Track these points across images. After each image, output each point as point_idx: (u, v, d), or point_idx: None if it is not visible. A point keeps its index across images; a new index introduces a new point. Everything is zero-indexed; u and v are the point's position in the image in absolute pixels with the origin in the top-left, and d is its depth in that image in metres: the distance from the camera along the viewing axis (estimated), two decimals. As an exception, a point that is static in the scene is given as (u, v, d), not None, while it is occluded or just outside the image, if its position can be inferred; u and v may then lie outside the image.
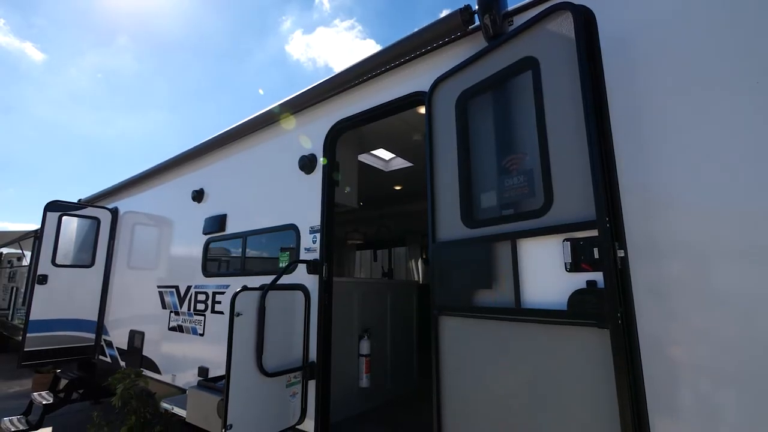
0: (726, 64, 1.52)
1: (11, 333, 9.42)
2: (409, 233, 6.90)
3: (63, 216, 5.10)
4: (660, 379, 1.48)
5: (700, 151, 1.52)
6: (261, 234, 3.37)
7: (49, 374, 6.17)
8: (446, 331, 1.98)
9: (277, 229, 3.21)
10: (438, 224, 2.10)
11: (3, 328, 10.04)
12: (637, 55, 1.70)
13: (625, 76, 1.70)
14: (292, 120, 3.30)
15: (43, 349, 4.86)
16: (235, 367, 2.29)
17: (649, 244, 1.56)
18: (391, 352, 3.53)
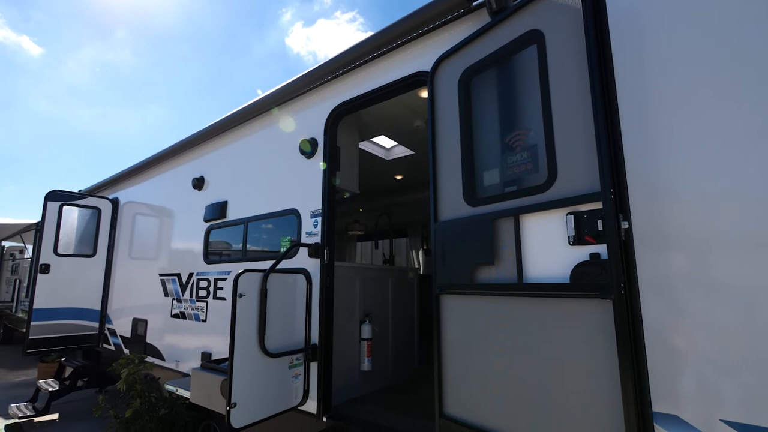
0: (745, 36, 1.47)
1: (15, 325, 9.48)
2: (410, 224, 6.90)
3: (64, 206, 5.10)
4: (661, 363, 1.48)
5: (713, 131, 1.49)
6: (262, 220, 3.37)
7: (54, 363, 6.22)
8: (448, 310, 1.98)
9: (278, 215, 3.20)
10: (440, 204, 2.10)
11: (7, 320, 10.11)
12: (646, 25, 1.67)
13: (634, 48, 1.68)
14: (292, 104, 3.28)
15: (48, 337, 4.89)
16: (238, 347, 2.30)
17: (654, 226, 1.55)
18: (392, 338, 3.54)
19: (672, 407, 1.49)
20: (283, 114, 3.36)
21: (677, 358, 1.50)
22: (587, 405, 1.45)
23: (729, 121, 1.46)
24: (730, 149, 1.45)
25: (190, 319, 3.89)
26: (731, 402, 1.40)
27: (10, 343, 10.68)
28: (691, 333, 1.48)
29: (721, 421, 1.41)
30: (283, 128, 3.33)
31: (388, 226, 5.24)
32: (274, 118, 3.45)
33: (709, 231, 1.45)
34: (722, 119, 1.47)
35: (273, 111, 3.41)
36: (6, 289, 10.76)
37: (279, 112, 3.38)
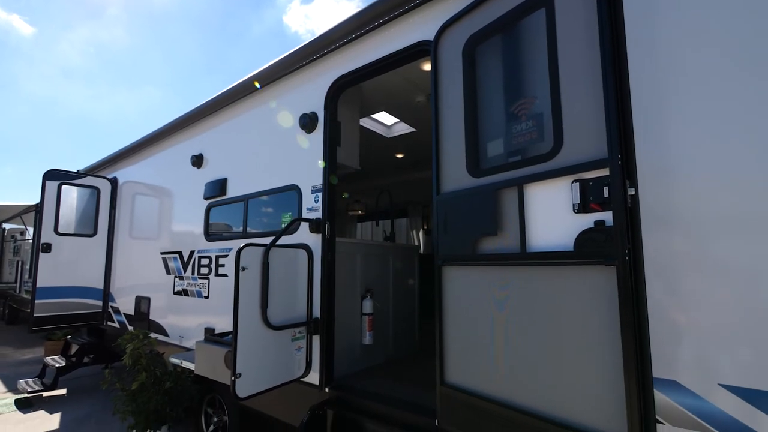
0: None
1: (20, 305, 9.59)
2: (410, 204, 6.88)
3: (62, 185, 5.08)
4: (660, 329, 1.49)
5: (727, 102, 1.45)
6: (262, 196, 3.35)
7: (60, 341, 6.32)
8: (450, 281, 1.99)
9: (279, 191, 3.19)
10: (442, 176, 2.08)
11: (12, 301, 10.23)
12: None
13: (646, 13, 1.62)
14: (291, 78, 3.21)
15: (53, 315, 4.95)
16: (241, 319, 2.32)
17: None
18: (393, 314, 3.57)
19: (671, 373, 1.51)
20: (282, 88, 3.30)
21: (677, 325, 1.51)
22: (588, 371, 1.46)
23: (747, 99, 1.41)
24: (746, 126, 1.41)
25: (192, 296, 3.92)
26: (730, 367, 1.41)
27: (16, 323, 10.83)
28: (691, 301, 1.48)
29: (719, 385, 1.42)
30: (283, 103, 3.28)
31: (388, 204, 5.22)
32: (273, 92, 3.39)
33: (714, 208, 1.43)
34: (741, 96, 1.42)
35: (272, 85, 3.35)
36: (9, 270, 10.84)
37: (278, 86, 3.32)
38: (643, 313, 1.35)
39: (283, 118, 3.20)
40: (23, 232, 10.66)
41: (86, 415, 4.65)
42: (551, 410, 1.54)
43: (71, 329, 6.34)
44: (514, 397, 1.67)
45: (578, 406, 1.47)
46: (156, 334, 4.25)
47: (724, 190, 1.41)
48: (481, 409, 1.77)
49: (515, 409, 1.64)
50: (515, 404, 1.65)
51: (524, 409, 1.61)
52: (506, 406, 1.67)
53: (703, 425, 1.43)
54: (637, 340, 1.34)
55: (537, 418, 1.56)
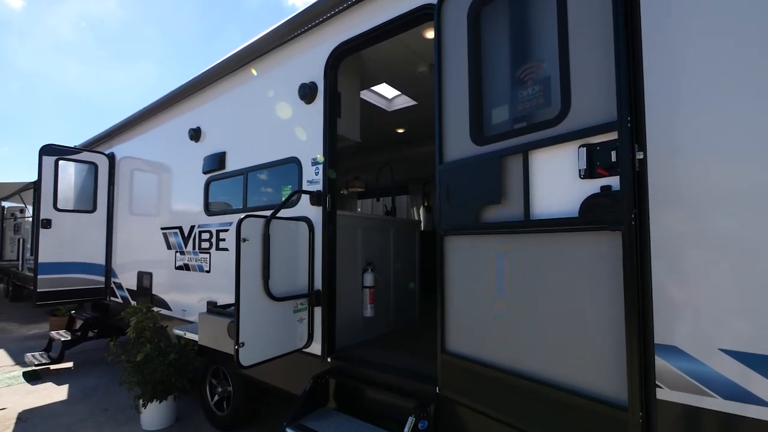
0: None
1: (23, 282, 9.67)
2: (411, 180, 6.84)
3: (59, 160, 5.02)
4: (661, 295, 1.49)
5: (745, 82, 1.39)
6: (262, 169, 3.31)
7: (65, 316, 6.40)
8: (452, 251, 1.98)
9: (279, 163, 3.15)
10: (446, 144, 2.04)
11: (15, 278, 10.31)
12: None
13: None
14: (289, 47, 3.12)
15: (55, 290, 4.99)
16: (243, 290, 2.33)
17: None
18: (393, 287, 3.59)
19: (670, 338, 1.52)
20: (280, 58, 3.21)
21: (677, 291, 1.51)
22: (590, 336, 1.47)
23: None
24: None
25: (194, 271, 3.94)
26: (730, 332, 1.42)
27: (20, 300, 10.96)
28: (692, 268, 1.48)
29: (719, 350, 1.43)
30: (281, 73, 3.19)
31: (389, 180, 5.18)
32: (271, 62, 3.30)
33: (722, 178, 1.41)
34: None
35: (270, 55, 3.26)
36: (11, 248, 10.89)
37: (276, 55, 3.23)
38: (647, 279, 1.34)
39: (282, 88, 3.13)
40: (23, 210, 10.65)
41: (93, 387, 4.75)
42: (552, 375, 1.56)
43: (75, 305, 6.42)
44: (515, 363, 1.68)
45: (579, 370, 1.49)
46: (159, 309, 4.29)
47: (735, 158, 1.38)
48: (482, 375, 1.79)
49: (517, 374, 1.66)
50: (516, 370, 1.67)
51: (525, 375, 1.63)
52: (507, 372, 1.69)
53: (701, 388, 1.45)
54: (640, 306, 1.34)
55: (538, 383, 1.58)
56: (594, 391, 1.44)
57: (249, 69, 3.48)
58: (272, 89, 3.25)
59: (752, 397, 1.37)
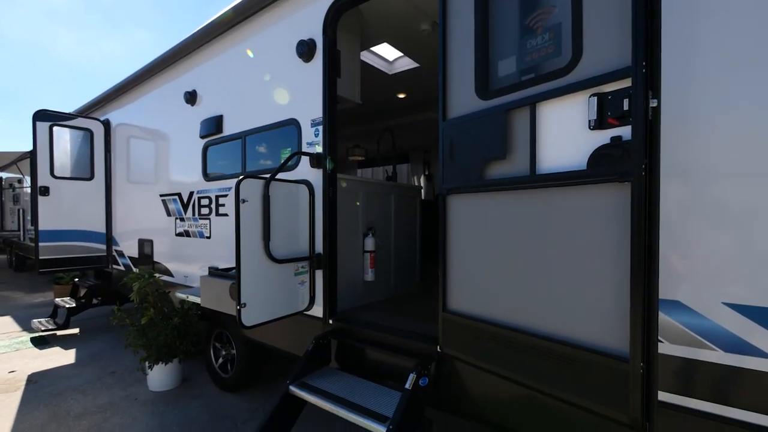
0: None
1: (26, 252, 9.74)
2: (412, 149, 6.74)
3: (53, 126, 4.92)
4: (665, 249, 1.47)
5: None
6: (260, 132, 3.23)
7: (68, 284, 6.47)
8: (455, 210, 1.95)
9: (277, 126, 3.07)
10: (449, 100, 1.97)
11: (18, 249, 10.38)
12: None
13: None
14: (286, 1, 2.97)
15: (58, 257, 5.01)
16: (244, 251, 2.32)
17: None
18: (394, 253, 3.59)
19: (674, 293, 1.51)
20: (277, 13, 3.07)
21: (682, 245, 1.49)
22: (593, 291, 1.46)
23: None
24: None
25: (194, 237, 3.93)
26: (734, 286, 1.40)
27: (24, 270, 11.08)
28: (697, 222, 1.45)
29: (723, 303, 1.43)
30: (278, 30, 3.06)
31: (390, 145, 5.09)
32: (267, 20, 3.15)
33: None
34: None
35: (266, 11, 3.11)
36: (11, 219, 10.90)
37: (273, 11, 3.08)
38: (654, 232, 1.31)
39: (280, 46, 3.01)
40: (21, 180, 10.58)
41: (100, 351, 4.86)
42: (555, 330, 1.56)
43: (78, 273, 6.48)
44: (517, 319, 1.69)
45: (581, 324, 1.49)
46: (161, 275, 4.31)
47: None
48: (484, 332, 1.80)
49: (519, 330, 1.66)
50: (519, 326, 1.67)
51: (528, 330, 1.64)
52: (510, 329, 1.70)
53: (702, 342, 1.45)
54: (646, 260, 1.32)
55: (541, 338, 1.59)
56: (596, 344, 1.45)
57: (245, 27, 3.34)
58: (270, 47, 3.13)
59: (753, 349, 1.37)
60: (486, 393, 2.01)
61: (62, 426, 3.16)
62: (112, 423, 3.20)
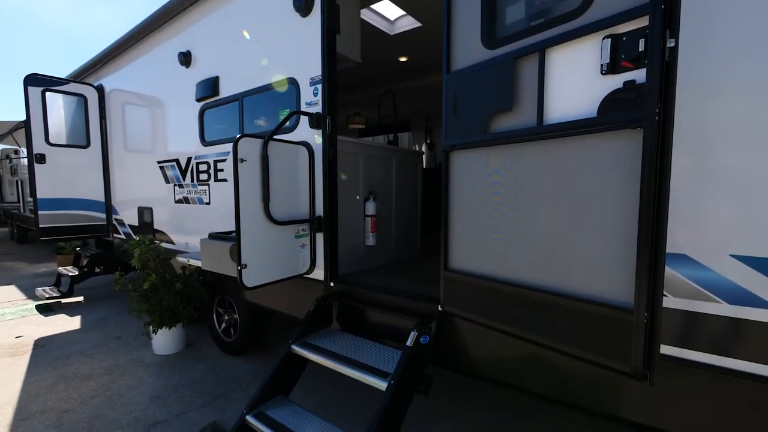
0: None
1: (27, 224, 9.75)
2: (413, 116, 6.60)
3: (46, 92, 4.79)
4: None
5: None
6: (258, 93, 3.14)
7: (70, 254, 6.51)
8: (458, 167, 1.90)
9: (275, 86, 2.97)
10: (454, 51, 1.88)
11: (19, 221, 10.39)
12: None
13: None
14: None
15: (58, 226, 4.99)
16: (243, 212, 2.28)
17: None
18: (396, 219, 3.56)
19: (680, 246, 1.48)
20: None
21: (689, 198, 1.45)
22: (600, 245, 1.43)
23: None
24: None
25: (194, 203, 3.89)
26: (742, 238, 1.38)
27: (26, 242, 11.14)
28: (706, 173, 1.41)
29: (730, 256, 1.40)
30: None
31: (391, 109, 4.96)
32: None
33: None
34: None
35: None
36: (10, 191, 10.85)
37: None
38: (665, 180, 1.27)
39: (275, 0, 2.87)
40: (17, 152, 10.47)
41: (104, 317, 4.93)
42: (559, 284, 1.55)
43: (80, 243, 6.50)
44: (521, 275, 1.67)
45: (586, 277, 1.47)
46: (162, 242, 4.31)
47: None
48: (487, 289, 1.79)
49: (523, 286, 1.65)
50: (523, 282, 1.66)
51: (532, 286, 1.63)
52: (514, 285, 1.68)
53: (707, 295, 1.44)
54: (656, 209, 1.28)
55: (545, 292, 1.57)
56: (600, 297, 1.43)
57: (238, -19, 3.18)
58: (265, 1, 2.98)
59: (758, 300, 1.36)
60: (487, 350, 2.03)
61: (70, 386, 3.23)
62: (119, 384, 3.27)
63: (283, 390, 2.36)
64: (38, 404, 2.97)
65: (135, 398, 3.05)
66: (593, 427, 2.69)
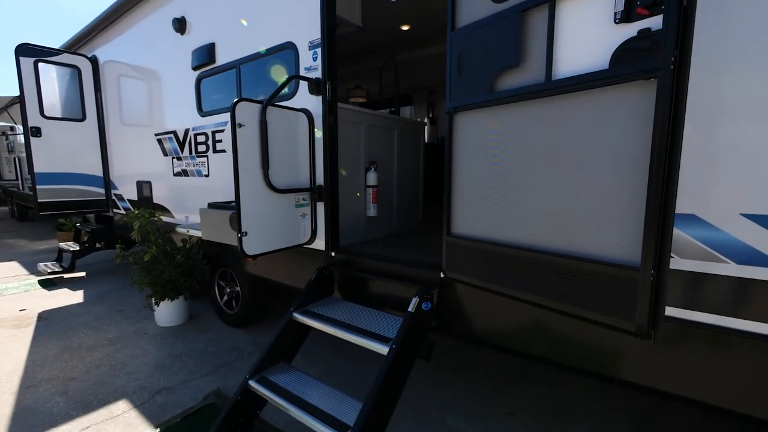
0: None
1: (26, 201, 9.72)
2: (415, 90, 6.46)
3: (38, 62, 4.67)
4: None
5: None
6: (255, 60, 3.05)
7: (71, 230, 6.50)
8: (462, 129, 1.85)
9: (273, 51, 2.88)
10: (459, 6, 1.81)
11: (18, 198, 10.35)
12: None
13: None
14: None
15: (57, 200, 4.96)
16: (243, 179, 2.25)
17: None
18: (397, 190, 3.52)
19: (689, 206, 1.45)
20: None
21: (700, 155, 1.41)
22: (607, 203, 1.40)
23: None
24: None
25: (192, 176, 3.85)
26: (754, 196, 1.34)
27: (27, 220, 11.14)
28: (720, 126, 1.36)
29: (741, 215, 1.37)
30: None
31: (393, 79, 4.83)
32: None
33: None
34: None
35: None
36: (8, 168, 10.78)
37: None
38: (678, 133, 1.22)
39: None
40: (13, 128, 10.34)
41: (107, 292, 4.96)
42: (565, 245, 1.52)
43: (80, 219, 6.49)
44: (526, 237, 1.64)
45: (593, 237, 1.44)
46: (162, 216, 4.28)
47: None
48: (491, 253, 1.77)
49: (528, 248, 1.63)
50: (528, 244, 1.63)
51: (537, 248, 1.60)
52: (518, 247, 1.66)
53: (715, 255, 1.42)
54: (666, 166, 1.24)
55: (550, 254, 1.55)
56: (606, 256, 1.41)
57: (233, -60, 3.04)
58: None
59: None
60: (490, 316, 2.03)
61: (75, 356, 3.27)
62: (124, 354, 3.31)
63: (286, 357, 2.37)
64: (44, 373, 3.00)
65: (139, 367, 3.09)
66: (593, 398, 2.73)
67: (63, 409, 2.56)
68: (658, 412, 2.53)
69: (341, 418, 1.81)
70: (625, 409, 2.56)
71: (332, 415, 1.84)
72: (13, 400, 2.66)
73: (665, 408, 2.57)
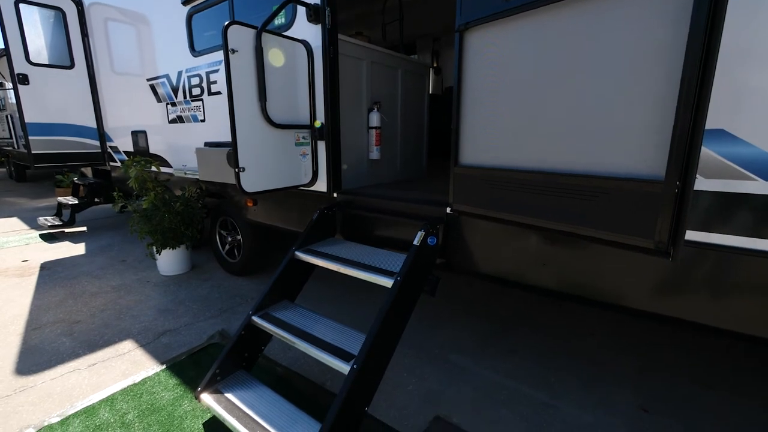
0: None
1: (22, 161, 9.56)
2: (419, 38, 6.13)
3: (19, 2, 4.39)
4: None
5: None
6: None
7: (68, 186, 6.42)
8: (472, 48, 1.71)
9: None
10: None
11: (14, 158, 10.19)
12: None
13: None
14: None
15: (51, 153, 4.83)
16: (238, 110, 2.13)
17: None
18: (401, 133, 3.38)
19: (717, 121, 1.35)
20: None
21: (734, 61, 1.29)
22: (630, 114, 1.29)
23: None
24: None
25: (188, 122, 3.71)
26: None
27: (25, 180, 11.05)
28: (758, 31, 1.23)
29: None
30: None
31: (394, 40, 4.58)
32: None
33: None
34: None
35: None
36: (2, 127, 10.54)
37: None
38: (716, 33, 1.09)
39: None
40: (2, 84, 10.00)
41: (109, 244, 4.95)
42: (583, 164, 1.43)
43: (77, 173, 6.38)
44: (541, 160, 1.55)
45: (613, 152, 1.35)
46: (160, 166, 4.18)
47: None
48: (503, 180, 1.68)
49: (543, 172, 1.54)
50: (543, 168, 1.54)
51: (552, 170, 1.51)
52: (533, 172, 1.57)
53: (743, 173, 1.33)
54: (700, 75, 1.12)
55: (566, 175, 1.47)
56: (627, 172, 1.32)
57: None
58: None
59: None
60: (498, 249, 1.98)
61: (79, 302, 3.28)
62: (128, 299, 3.32)
63: (289, 296, 2.36)
64: (49, 316, 3.02)
65: (143, 311, 3.10)
66: (594, 341, 2.74)
67: (69, 348, 2.59)
68: (658, 355, 2.55)
69: (347, 348, 1.80)
70: (627, 347, 2.57)
71: (337, 345, 1.83)
72: (20, 340, 2.68)
73: (665, 348, 2.58)
